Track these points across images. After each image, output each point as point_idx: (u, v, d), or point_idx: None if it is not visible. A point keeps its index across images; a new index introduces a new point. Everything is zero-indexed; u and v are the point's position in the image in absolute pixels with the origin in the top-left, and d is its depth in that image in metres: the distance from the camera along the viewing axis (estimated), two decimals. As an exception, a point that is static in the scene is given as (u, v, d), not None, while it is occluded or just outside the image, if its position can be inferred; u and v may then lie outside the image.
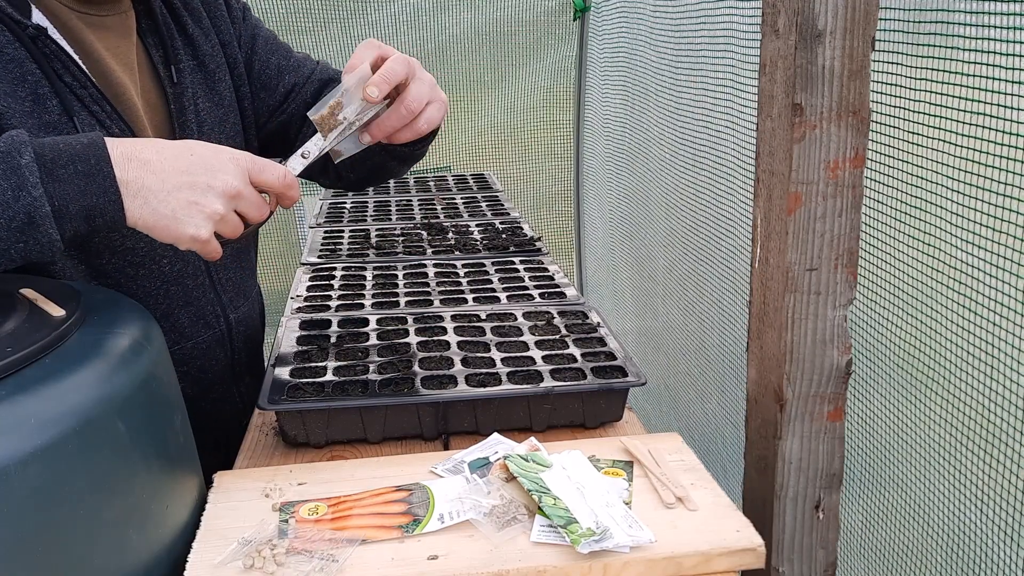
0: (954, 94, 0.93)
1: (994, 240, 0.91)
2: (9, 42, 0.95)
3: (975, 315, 0.94)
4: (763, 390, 1.10)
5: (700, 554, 0.79)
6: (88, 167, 0.82)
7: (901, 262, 1.04)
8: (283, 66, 1.31)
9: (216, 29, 1.22)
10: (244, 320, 1.26)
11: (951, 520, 1.01)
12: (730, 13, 1.64)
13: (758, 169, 1.06)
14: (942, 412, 1.01)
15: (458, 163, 2.79)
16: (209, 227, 0.87)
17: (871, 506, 1.18)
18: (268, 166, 0.92)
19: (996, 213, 0.90)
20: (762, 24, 1.00)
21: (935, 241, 1.00)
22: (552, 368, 1.10)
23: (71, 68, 0.99)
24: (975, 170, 0.93)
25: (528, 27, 2.68)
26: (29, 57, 0.96)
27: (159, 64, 1.13)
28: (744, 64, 1.57)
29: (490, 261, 1.58)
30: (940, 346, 1.01)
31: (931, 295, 1.01)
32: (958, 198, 0.94)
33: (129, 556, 0.71)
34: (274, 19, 2.48)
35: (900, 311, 1.07)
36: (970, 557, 0.98)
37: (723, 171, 1.72)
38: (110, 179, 0.83)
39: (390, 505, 0.85)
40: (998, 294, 0.90)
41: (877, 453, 1.15)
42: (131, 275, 1.08)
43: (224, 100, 1.22)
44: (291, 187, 0.94)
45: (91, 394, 0.68)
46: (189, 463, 0.84)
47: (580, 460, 0.92)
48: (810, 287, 1.01)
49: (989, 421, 0.94)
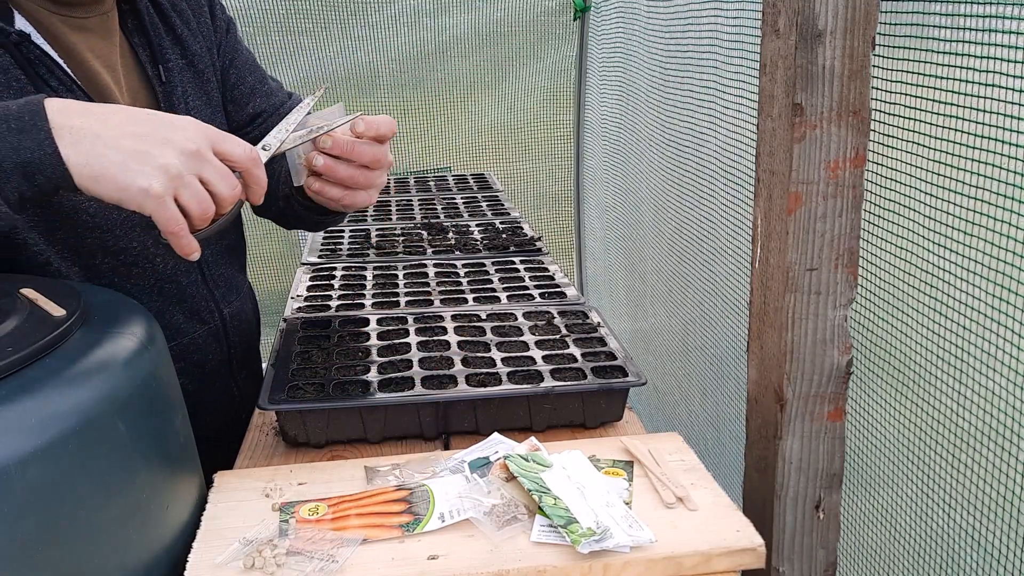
0: (963, 91, 0.93)
1: (992, 241, 0.91)
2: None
3: (979, 314, 0.94)
4: (763, 390, 1.10)
5: (700, 554, 0.79)
6: (21, 124, 0.77)
7: (903, 260, 1.04)
8: (256, 88, 1.31)
9: (200, 33, 1.23)
10: (237, 315, 1.28)
11: (950, 520, 1.01)
12: (715, 15, 1.64)
13: (758, 169, 1.06)
14: (945, 412, 1.01)
15: (458, 163, 2.80)
16: (162, 181, 0.79)
17: (871, 506, 1.18)
18: (232, 137, 0.86)
19: (999, 215, 0.90)
20: (762, 24, 1.00)
21: (930, 244, 1.00)
22: (552, 368, 1.10)
23: (56, 72, 0.99)
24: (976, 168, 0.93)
25: (528, 27, 2.68)
26: (14, 63, 0.95)
27: (147, 64, 1.13)
28: (727, 66, 1.57)
29: (490, 261, 1.58)
30: (940, 347, 1.01)
31: (933, 294, 1.01)
32: (963, 200, 0.94)
33: (129, 556, 0.71)
34: (274, 19, 2.49)
35: (900, 311, 1.07)
36: (972, 558, 0.98)
37: (706, 172, 1.72)
38: (44, 132, 0.77)
39: (390, 505, 0.85)
40: (1004, 291, 0.90)
41: (877, 453, 1.15)
42: (125, 274, 1.08)
43: (213, 100, 1.23)
44: (256, 163, 0.87)
45: (91, 394, 0.68)
46: (189, 463, 0.84)
47: (580, 460, 0.92)
48: (810, 287, 1.01)
49: (994, 418, 0.94)
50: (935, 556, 1.05)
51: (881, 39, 0.98)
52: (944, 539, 1.03)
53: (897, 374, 1.08)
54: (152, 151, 0.79)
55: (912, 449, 1.06)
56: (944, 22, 0.94)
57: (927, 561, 1.06)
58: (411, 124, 2.72)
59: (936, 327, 1.00)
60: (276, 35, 2.49)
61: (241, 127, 1.29)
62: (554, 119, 2.85)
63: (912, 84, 0.98)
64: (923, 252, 1.00)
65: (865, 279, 1.09)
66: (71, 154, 0.78)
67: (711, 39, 1.66)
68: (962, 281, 0.95)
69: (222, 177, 0.84)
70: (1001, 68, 0.86)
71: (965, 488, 0.98)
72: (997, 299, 0.90)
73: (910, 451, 1.07)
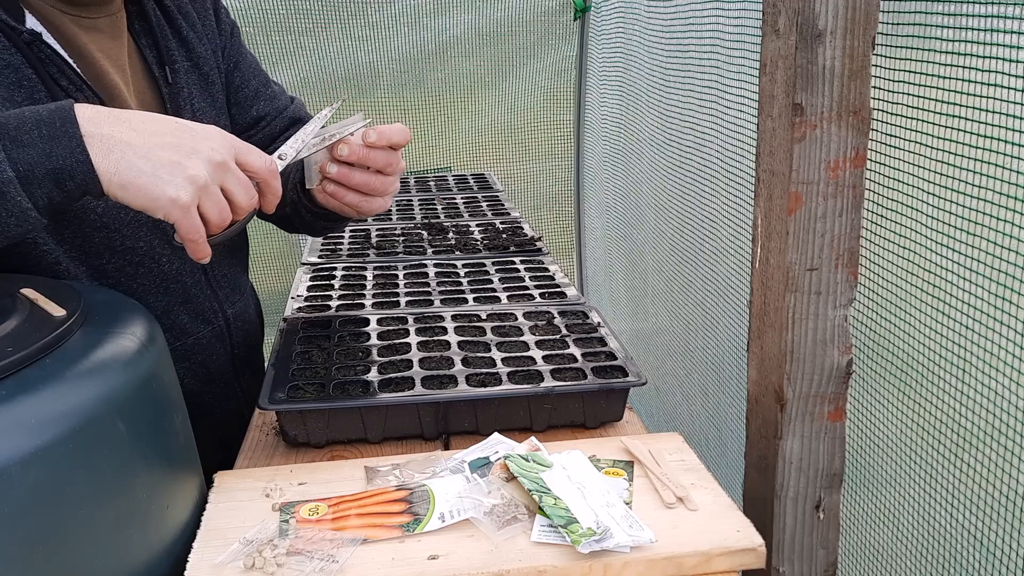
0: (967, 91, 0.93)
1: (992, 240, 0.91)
2: (5, 48, 0.95)
3: (981, 313, 0.94)
4: (763, 390, 1.10)
5: (700, 554, 0.79)
6: (53, 130, 0.78)
7: (906, 260, 1.04)
8: (260, 92, 1.32)
9: (206, 36, 1.23)
10: (241, 315, 1.28)
11: (952, 520, 1.01)
12: (716, 15, 1.64)
13: (758, 169, 1.06)
14: (947, 412, 1.01)
15: (458, 163, 2.79)
16: (190, 192, 0.81)
17: (873, 506, 1.18)
18: (253, 148, 0.89)
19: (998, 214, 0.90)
20: (762, 24, 1.00)
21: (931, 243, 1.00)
22: (552, 368, 1.10)
23: (66, 72, 0.99)
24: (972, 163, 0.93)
25: (528, 27, 2.68)
26: (25, 62, 0.96)
27: (153, 65, 1.13)
28: (729, 66, 1.57)
29: (490, 261, 1.58)
30: (942, 346, 1.01)
31: (936, 294, 1.01)
32: (966, 200, 0.94)
33: (129, 556, 0.71)
34: (274, 19, 2.48)
35: (902, 311, 1.07)
36: (975, 558, 0.98)
37: (707, 172, 1.72)
38: (76, 139, 0.78)
39: (390, 504, 0.85)
40: (1006, 291, 0.90)
41: (880, 453, 1.15)
42: (131, 274, 1.08)
43: (217, 103, 1.23)
44: (275, 175, 0.90)
45: (91, 394, 0.68)
46: (189, 463, 0.84)
47: (580, 460, 0.92)
48: (810, 287, 1.01)
49: (996, 417, 0.94)
50: (938, 556, 1.04)
51: (882, 39, 0.98)
52: (946, 539, 1.03)
53: (900, 374, 1.07)
54: (182, 162, 0.81)
55: (915, 449, 1.06)
56: (946, 22, 0.94)
57: (929, 561, 1.06)
58: (411, 124, 2.70)
59: (938, 327, 1.00)
60: (276, 35, 2.49)
61: (244, 130, 1.30)
62: (554, 119, 2.84)
63: (914, 84, 0.98)
64: (926, 252, 1.00)
65: (868, 279, 1.09)
66: (102, 162, 0.79)
67: (712, 39, 1.66)
68: (965, 281, 0.94)
69: (243, 187, 0.86)
70: (1003, 68, 0.86)
71: (967, 488, 0.98)
72: (999, 299, 0.90)
73: (912, 451, 1.07)
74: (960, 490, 0.99)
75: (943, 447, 1.01)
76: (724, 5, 1.60)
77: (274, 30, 2.48)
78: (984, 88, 0.89)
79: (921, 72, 0.97)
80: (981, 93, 0.89)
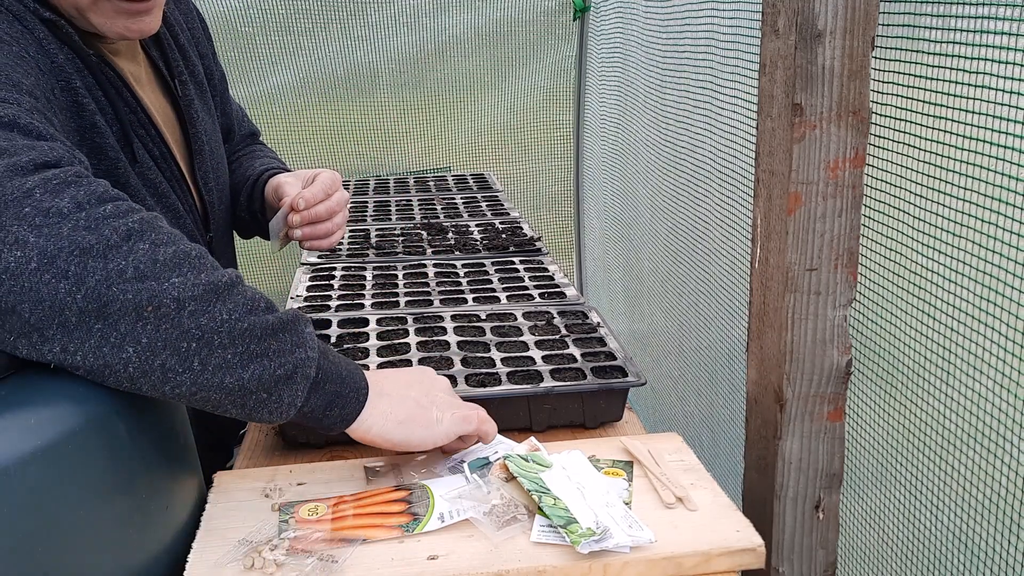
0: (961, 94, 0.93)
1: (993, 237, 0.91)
2: (79, 70, 0.95)
3: (966, 315, 0.94)
4: (763, 390, 1.10)
5: (700, 554, 0.79)
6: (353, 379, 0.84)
7: (892, 261, 1.04)
8: (226, 110, 1.37)
9: (196, 42, 1.24)
10: None
11: (950, 521, 1.01)
12: (711, 15, 1.64)
13: (758, 169, 1.06)
14: (946, 412, 1.01)
15: (458, 163, 2.79)
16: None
17: (869, 506, 1.18)
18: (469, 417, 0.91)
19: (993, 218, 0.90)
20: (762, 24, 1.00)
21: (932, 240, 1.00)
22: (552, 368, 1.10)
23: (123, 94, 1.01)
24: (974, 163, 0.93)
25: (528, 27, 2.68)
26: (96, 84, 0.96)
27: (167, 77, 1.13)
28: (723, 66, 1.57)
29: (490, 261, 1.58)
30: (928, 348, 1.01)
31: (923, 296, 1.01)
32: (958, 204, 0.94)
33: (129, 556, 0.71)
34: (274, 19, 2.48)
35: (891, 312, 1.07)
36: (959, 560, 0.98)
37: (701, 173, 1.72)
38: (363, 391, 0.85)
39: (390, 505, 0.85)
40: (991, 293, 0.90)
41: (879, 453, 1.15)
42: None
43: (211, 111, 1.25)
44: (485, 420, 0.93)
45: (91, 394, 0.68)
46: (189, 463, 0.84)
47: (580, 460, 0.92)
48: (810, 287, 1.01)
49: (980, 420, 0.94)
50: (945, 557, 1.04)
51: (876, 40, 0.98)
52: (932, 540, 1.03)
53: (887, 375, 1.07)
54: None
55: (900, 450, 1.06)
56: (935, 23, 0.94)
57: (928, 562, 1.06)
58: (410, 124, 2.71)
59: (925, 328, 1.00)
60: (276, 35, 2.49)
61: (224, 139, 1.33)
62: (554, 119, 2.84)
63: (903, 85, 0.98)
64: (911, 253, 1.00)
65: (865, 279, 1.09)
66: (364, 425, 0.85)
67: (707, 39, 1.66)
68: (950, 283, 0.94)
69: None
70: (991, 69, 0.86)
71: (952, 490, 0.98)
72: (985, 300, 0.90)
73: (899, 452, 1.07)
74: (945, 491, 0.99)
75: (929, 448, 1.01)
76: (719, 5, 1.61)
77: (274, 30, 2.48)
78: (972, 89, 0.89)
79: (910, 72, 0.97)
80: (969, 95, 0.89)
